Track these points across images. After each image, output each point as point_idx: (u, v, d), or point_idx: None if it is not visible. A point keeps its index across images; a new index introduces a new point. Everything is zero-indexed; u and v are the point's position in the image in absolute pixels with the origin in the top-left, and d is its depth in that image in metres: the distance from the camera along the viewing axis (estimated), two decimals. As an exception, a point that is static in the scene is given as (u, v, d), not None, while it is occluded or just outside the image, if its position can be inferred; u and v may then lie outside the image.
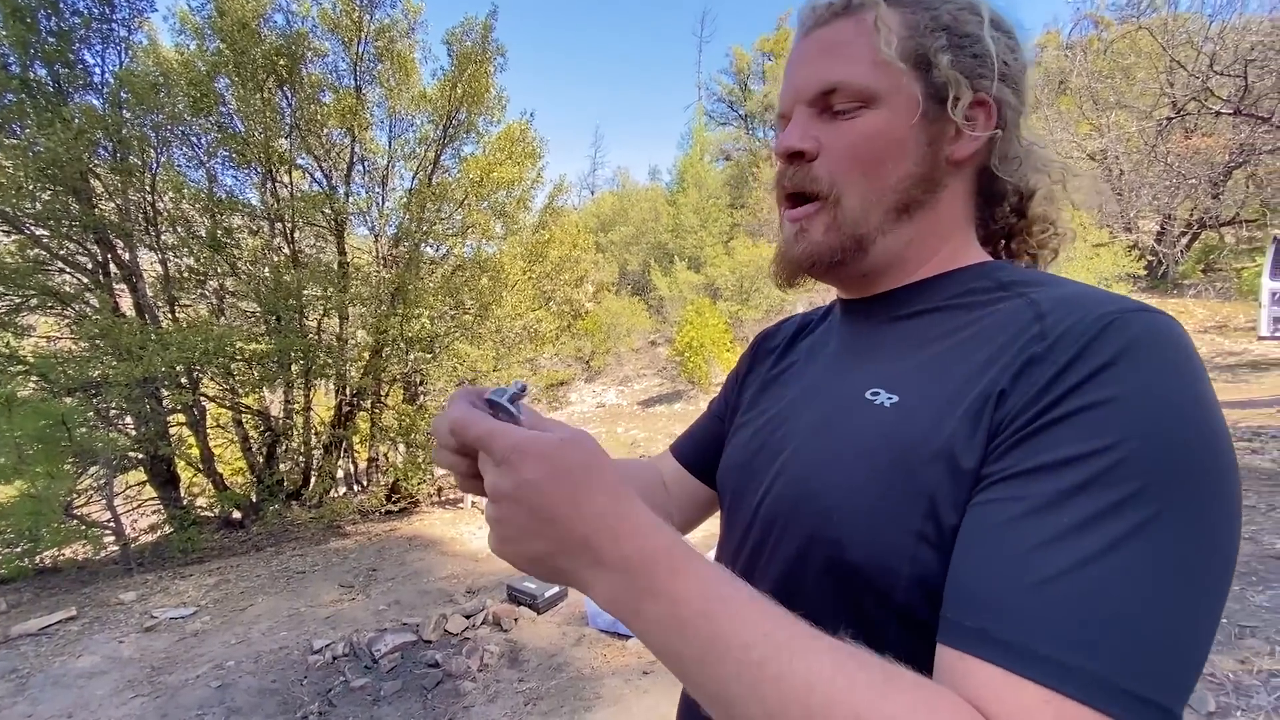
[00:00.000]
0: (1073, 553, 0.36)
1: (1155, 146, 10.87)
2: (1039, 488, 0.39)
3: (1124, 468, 0.38)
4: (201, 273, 7.34)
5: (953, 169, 0.59)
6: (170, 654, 3.87)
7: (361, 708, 3.15)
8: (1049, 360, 0.43)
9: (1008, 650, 0.36)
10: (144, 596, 4.91)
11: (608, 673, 3.29)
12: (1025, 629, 0.36)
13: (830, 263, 0.60)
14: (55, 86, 6.13)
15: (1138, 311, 0.44)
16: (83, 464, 5.86)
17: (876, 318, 0.63)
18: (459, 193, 7.74)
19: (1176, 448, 0.38)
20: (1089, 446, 0.39)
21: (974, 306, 0.55)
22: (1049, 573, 0.36)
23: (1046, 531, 0.38)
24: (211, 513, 7.39)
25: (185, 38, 7.19)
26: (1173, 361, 0.41)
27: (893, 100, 0.56)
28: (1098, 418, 0.40)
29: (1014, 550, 0.38)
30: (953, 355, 0.52)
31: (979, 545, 0.41)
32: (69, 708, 3.26)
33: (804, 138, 0.58)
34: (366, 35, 7.20)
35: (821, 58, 0.58)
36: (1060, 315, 0.46)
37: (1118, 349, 0.41)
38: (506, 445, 0.41)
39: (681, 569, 0.40)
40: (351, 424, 7.93)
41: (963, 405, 0.47)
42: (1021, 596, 0.37)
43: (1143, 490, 0.37)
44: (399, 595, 4.70)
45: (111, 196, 6.59)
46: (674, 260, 20.46)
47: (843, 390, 0.59)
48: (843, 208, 0.58)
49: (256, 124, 6.79)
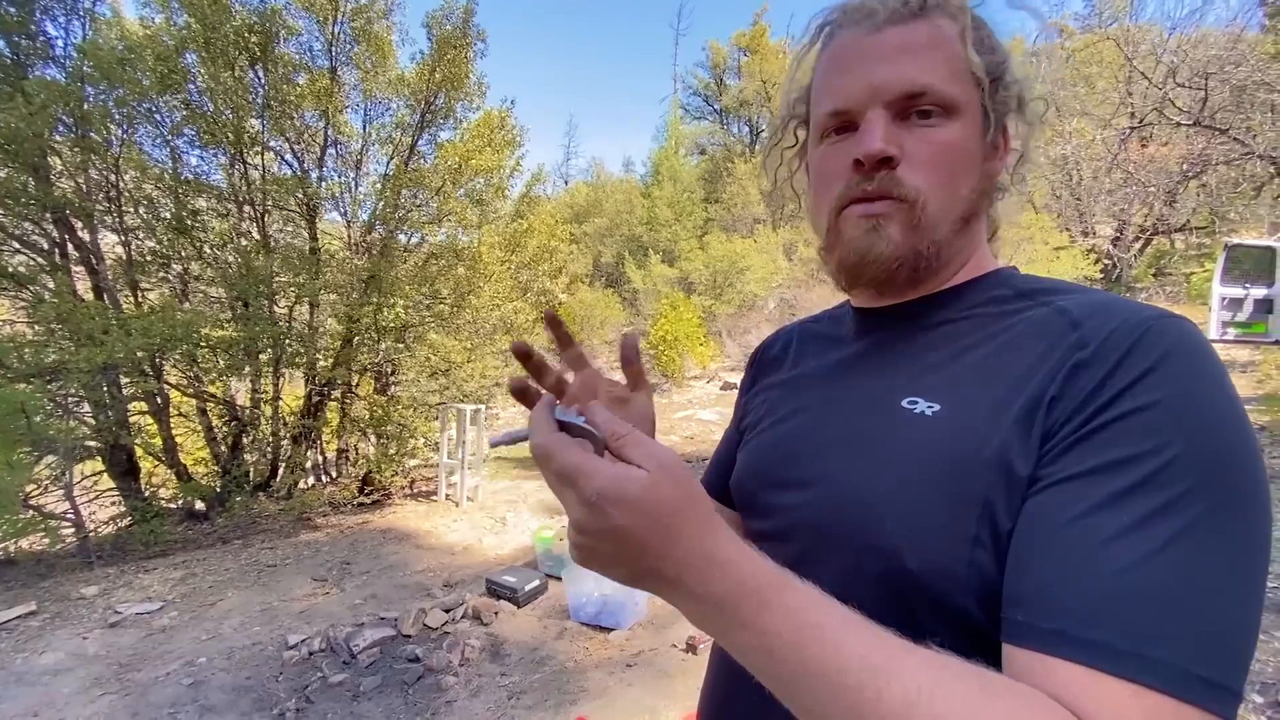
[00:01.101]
0: (1135, 550, 0.39)
1: (1116, 155, 11.27)
2: (1097, 489, 0.42)
3: (1174, 467, 0.40)
4: (165, 256, 7.07)
5: (994, 182, 0.63)
6: (138, 650, 3.77)
7: (341, 704, 3.13)
8: (1095, 365, 0.46)
9: (1090, 648, 0.37)
10: (106, 591, 4.76)
11: (591, 665, 3.33)
12: (1104, 627, 0.38)
13: (915, 266, 0.59)
14: (14, 59, 5.81)
15: (1168, 318, 0.47)
16: (39, 453, 5.62)
17: (903, 325, 0.64)
18: (435, 180, 7.61)
19: (1220, 447, 0.41)
20: (1140, 448, 0.41)
21: (1002, 316, 0.57)
22: (1116, 570, 0.38)
23: (1108, 530, 0.40)
24: (174, 504, 7.16)
25: (151, 10, 6.88)
26: (1208, 366, 0.45)
27: (968, 113, 0.57)
28: (1146, 420, 0.42)
29: (1080, 551, 0.40)
30: (990, 364, 0.53)
31: (1044, 547, 0.42)
32: (34, 706, 3.16)
33: (891, 143, 0.56)
34: (343, 15, 7.00)
35: (906, 58, 0.56)
36: (1097, 323, 0.49)
37: (1159, 354, 0.44)
38: (593, 489, 0.41)
39: (771, 603, 0.40)
40: (321, 415, 7.76)
41: (1010, 412, 0.48)
42: (1095, 596, 0.39)
43: (1193, 489, 0.40)
44: (375, 589, 4.65)
45: (72, 174, 6.29)
46: (648, 253, 20.47)
47: (875, 399, 0.60)
48: (926, 212, 0.57)
49: (226, 103, 6.56)
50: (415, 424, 7.73)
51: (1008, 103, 0.60)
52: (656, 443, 0.45)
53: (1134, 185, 12.79)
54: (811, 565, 0.57)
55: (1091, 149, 14.45)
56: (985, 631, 0.46)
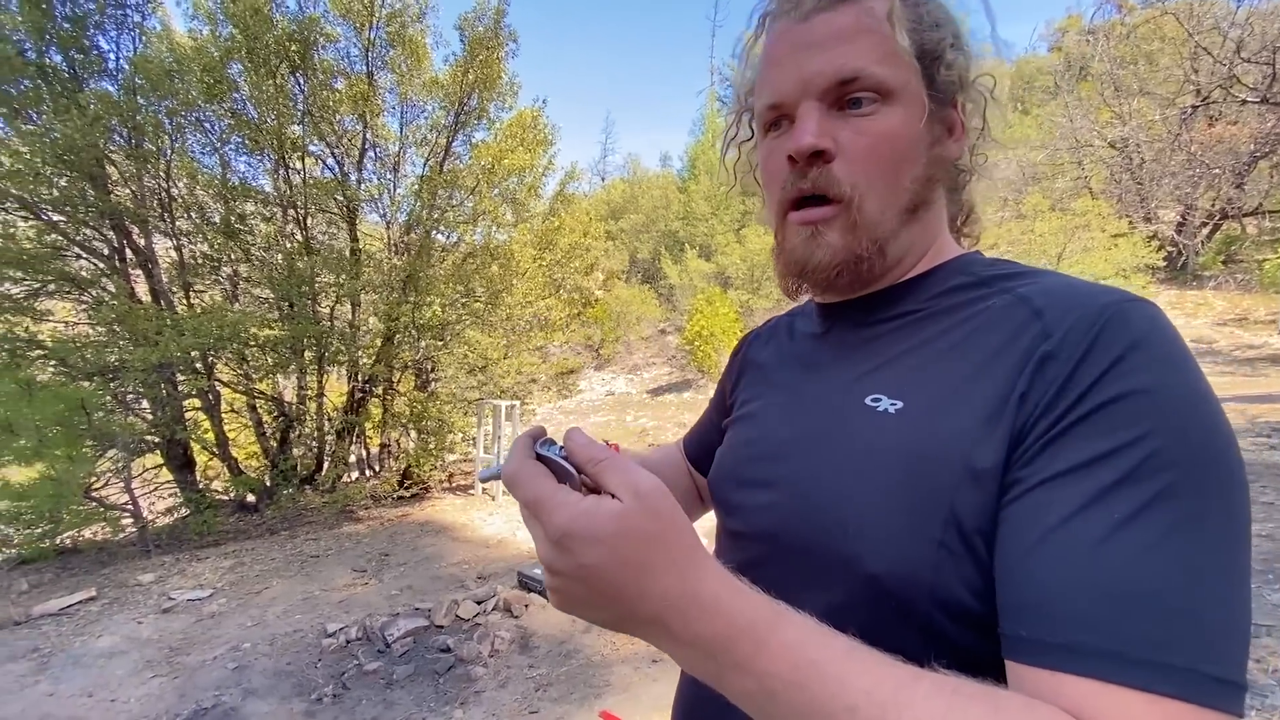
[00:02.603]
0: (1130, 549, 0.37)
1: (1178, 135, 10.66)
2: (1082, 487, 0.39)
3: (1157, 459, 0.38)
4: (215, 259, 7.38)
5: (945, 167, 0.60)
6: (188, 635, 3.95)
7: (375, 691, 3.20)
8: (1062, 357, 0.44)
9: (1100, 660, 0.35)
10: (162, 578, 5.00)
11: (616, 660, 3.32)
12: (1111, 636, 0.36)
13: (856, 269, 0.57)
14: (71, 72, 6.16)
15: (1132, 302, 0.45)
16: (101, 447, 5.94)
17: (863, 320, 0.62)
18: (470, 180, 7.72)
19: (1199, 433, 0.40)
20: (1120, 440, 0.39)
21: (963, 306, 0.55)
22: (1114, 574, 0.37)
23: (1100, 530, 0.38)
24: (227, 496, 7.49)
25: (198, 23, 7.18)
26: (1176, 351, 0.43)
27: (905, 97, 0.54)
28: (1122, 411, 0.40)
29: (1074, 555, 0.38)
30: (953, 357, 0.51)
31: (1036, 555, 0.40)
32: (89, 686, 3.34)
33: (823, 136, 0.54)
34: (378, 20, 7.16)
35: (834, 45, 0.54)
36: (1058, 311, 0.46)
37: (1127, 343, 0.42)
38: (557, 527, 0.38)
39: (767, 642, 0.37)
40: (364, 410, 7.99)
41: (974, 408, 0.46)
42: (1096, 603, 0.37)
43: (1178, 479, 0.38)
44: (411, 580, 4.76)
45: (127, 182, 6.63)
46: (684, 248, 20.38)
47: (839, 398, 0.58)
48: (863, 211, 0.55)
49: (269, 110, 6.80)
50: (453, 419, 7.88)
51: (954, 81, 0.56)
52: (637, 468, 0.40)
53: (1199, 167, 12.08)
54: (772, 568, 0.57)
55: (1153, 130, 13.72)
56: (951, 637, 0.45)
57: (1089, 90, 16.56)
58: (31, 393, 5.12)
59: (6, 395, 4.99)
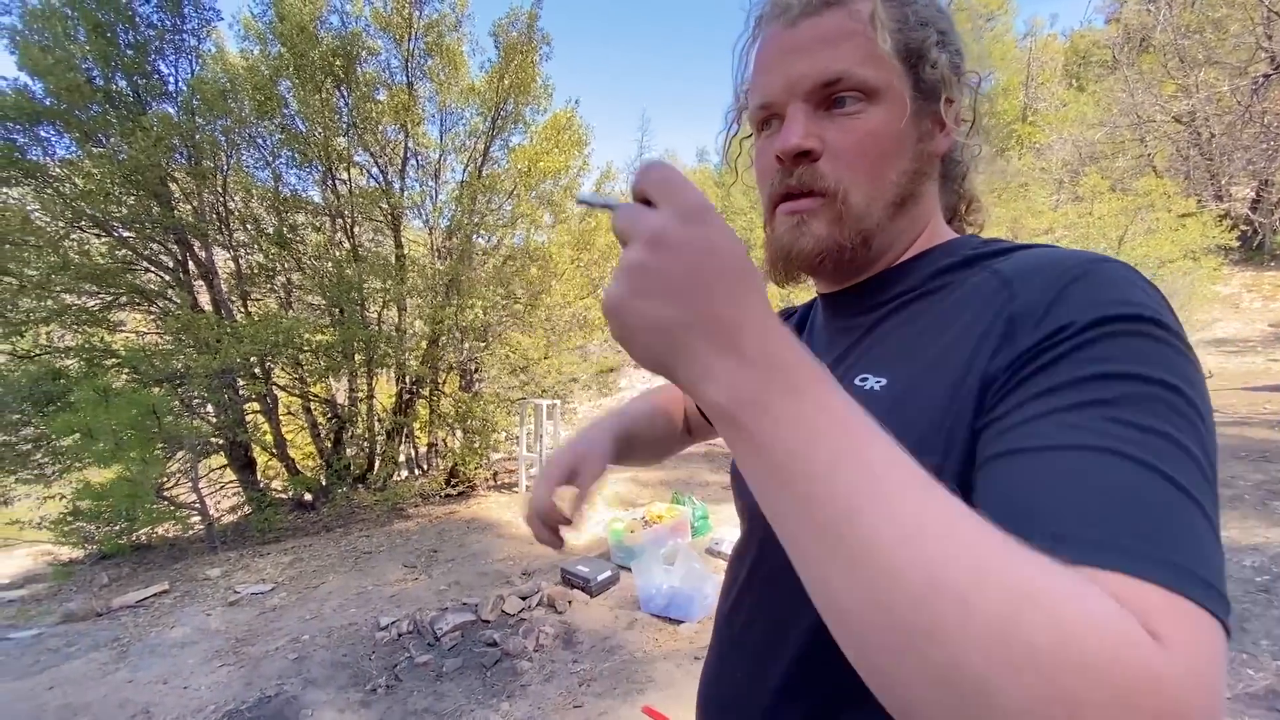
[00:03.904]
0: (1120, 464, 0.36)
1: (1250, 106, 9.98)
2: (1063, 401, 0.40)
3: (1134, 383, 0.39)
4: (270, 268, 7.73)
5: (933, 161, 0.62)
6: (252, 627, 4.15)
7: (425, 683, 3.30)
8: (1026, 313, 0.45)
9: (1121, 555, 0.33)
10: (227, 573, 5.27)
11: (659, 656, 3.34)
12: (1125, 536, 0.34)
13: (839, 258, 0.60)
14: (135, 96, 6.54)
15: (1103, 261, 0.46)
16: (170, 449, 6.30)
17: (857, 306, 0.65)
18: (508, 184, 7.86)
19: (1171, 362, 0.40)
20: (1100, 369, 0.40)
21: (945, 285, 0.57)
22: (1110, 485, 0.36)
23: (1089, 440, 0.37)
24: (285, 495, 7.83)
25: (249, 43, 7.53)
26: (1147, 292, 0.44)
27: (890, 96, 0.57)
28: (1097, 343, 0.41)
29: (1072, 472, 0.37)
30: (930, 333, 0.54)
31: (1038, 470, 0.38)
32: (164, 674, 3.55)
33: (808, 136, 0.57)
34: (417, 31, 7.35)
35: (819, 48, 0.56)
36: (1027, 275, 0.48)
37: (1094, 290, 0.43)
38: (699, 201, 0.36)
39: (825, 378, 0.36)
40: (412, 411, 8.23)
41: (946, 375, 0.49)
42: (1106, 509, 0.35)
43: (1157, 398, 0.38)
44: (458, 576, 4.88)
45: (188, 199, 7.00)
46: (723, 243, 20.21)
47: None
48: (849, 204, 0.58)
49: (316, 124, 7.06)
50: (497, 419, 8.04)
51: (938, 77, 0.58)
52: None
53: (1274, 139, 11.29)
54: (761, 545, 0.62)
55: (1222, 102, 12.88)
56: None
57: (1151, 62, 15.67)
58: (108, 399, 5.46)
59: (86, 402, 5.34)
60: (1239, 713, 2.28)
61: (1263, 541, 3.58)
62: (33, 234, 6.10)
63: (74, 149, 6.42)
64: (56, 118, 6.10)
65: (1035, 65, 21.33)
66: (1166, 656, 0.28)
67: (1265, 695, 2.36)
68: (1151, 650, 0.28)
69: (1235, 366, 9.12)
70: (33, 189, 6.27)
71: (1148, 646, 0.28)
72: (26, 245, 6.06)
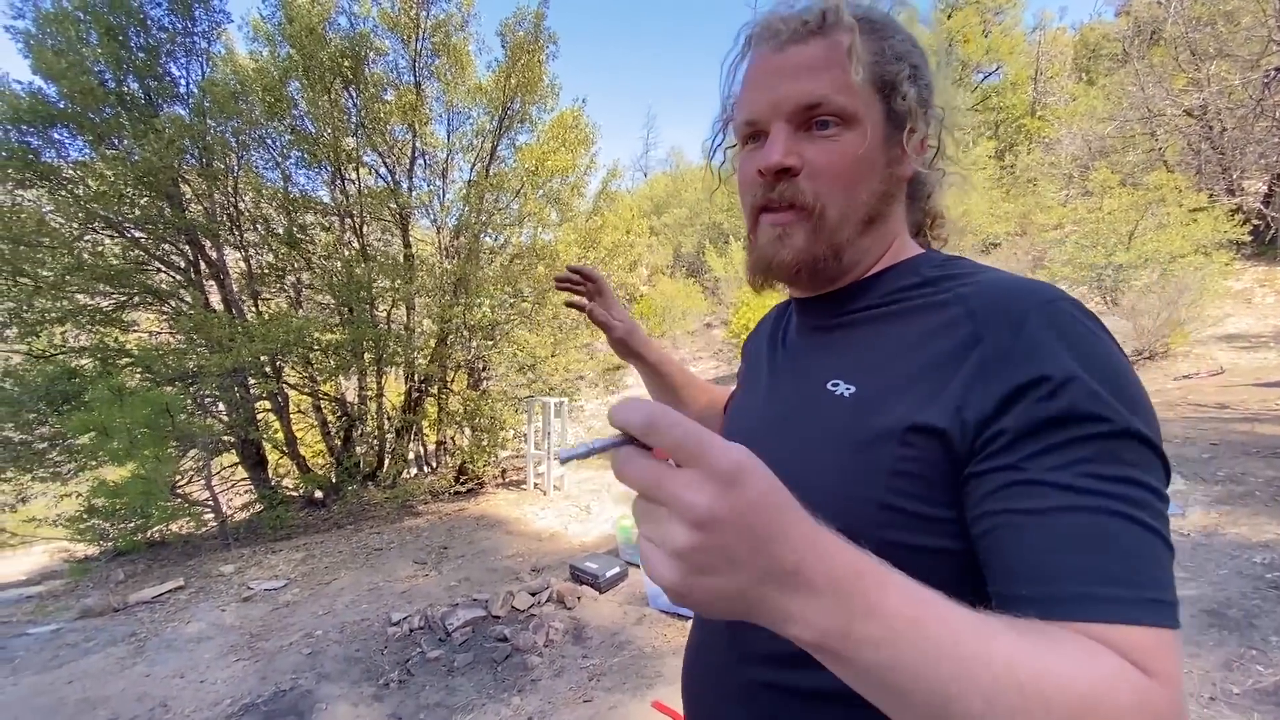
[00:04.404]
0: (1093, 519, 0.44)
1: (1263, 100, 9.87)
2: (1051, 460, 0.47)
3: (1111, 440, 0.46)
4: (280, 268, 7.79)
5: (900, 184, 0.68)
6: (266, 622, 4.20)
7: (437, 677, 3.34)
8: (991, 358, 0.51)
9: (1107, 604, 0.43)
10: (241, 569, 5.34)
11: (669, 651, 3.36)
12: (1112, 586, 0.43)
13: (814, 269, 0.66)
14: (146, 99, 6.61)
15: (1052, 301, 0.53)
16: (184, 447, 6.38)
17: (828, 314, 0.70)
18: (515, 182, 7.88)
19: (1126, 415, 0.47)
20: (1071, 433, 0.47)
21: (910, 301, 0.63)
22: (1088, 538, 0.44)
23: (1068, 501, 0.45)
24: (296, 492, 7.91)
25: (258, 45, 7.59)
26: (1098, 343, 0.51)
27: (865, 121, 0.62)
28: (1058, 404, 0.47)
29: (1055, 530, 0.45)
30: (898, 348, 0.59)
31: (1021, 531, 0.47)
32: (181, 668, 3.61)
33: (789, 154, 0.62)
34: (424, 31, 7.39)
35: (803, 74, 0.61)
36: (986, 314, 0.54)
37: (1054, 335, 0.50)
38: (733, 460, 0.35)
39: (885, 581, 0.38)
40: (421, 409, 8.29)
41: (914, 391, 0.54)
42: (1085, 563, 0.44)
43: (1128, 450, 0.46)
44: (469, 572, 4.92)
45: (199, 199, 7.07)
46: (729, 240, 20.18)
47: (804, 383, 0.67)
48: (825, 219, 0.63)
49: (325, 124, 7.11)
50: (505, 416, 8.08)
51: (908, 109, 0.63)
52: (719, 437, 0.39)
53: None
54: None
55: (1234, 95, 12.73)
56: None
57: (1161, 55, 15.50)
58: (122, 398, 5.53)
59: (100, 401, 5.41)
60: (1248, 709, 2.28)
61: (1273, 539, 3.56)
62: (48, 235, 6.17)
63: (87, 151, 6.50)
64: (70, 120, 6.17)
65: (1044, 59, 21.14)
66: (1160, 691, 0.39)
67: (1275, 691, 2.35)
68: (1152, 694, 0.39)
69: (1247, 362, 9.04)
70: (47, 191, 6.35)
71: (1149, 694, 0.39)
72: (41, 246, 6.14)
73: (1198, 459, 5.00)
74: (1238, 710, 2.29)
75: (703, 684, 0.71)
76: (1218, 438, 5.52)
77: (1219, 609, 2.94)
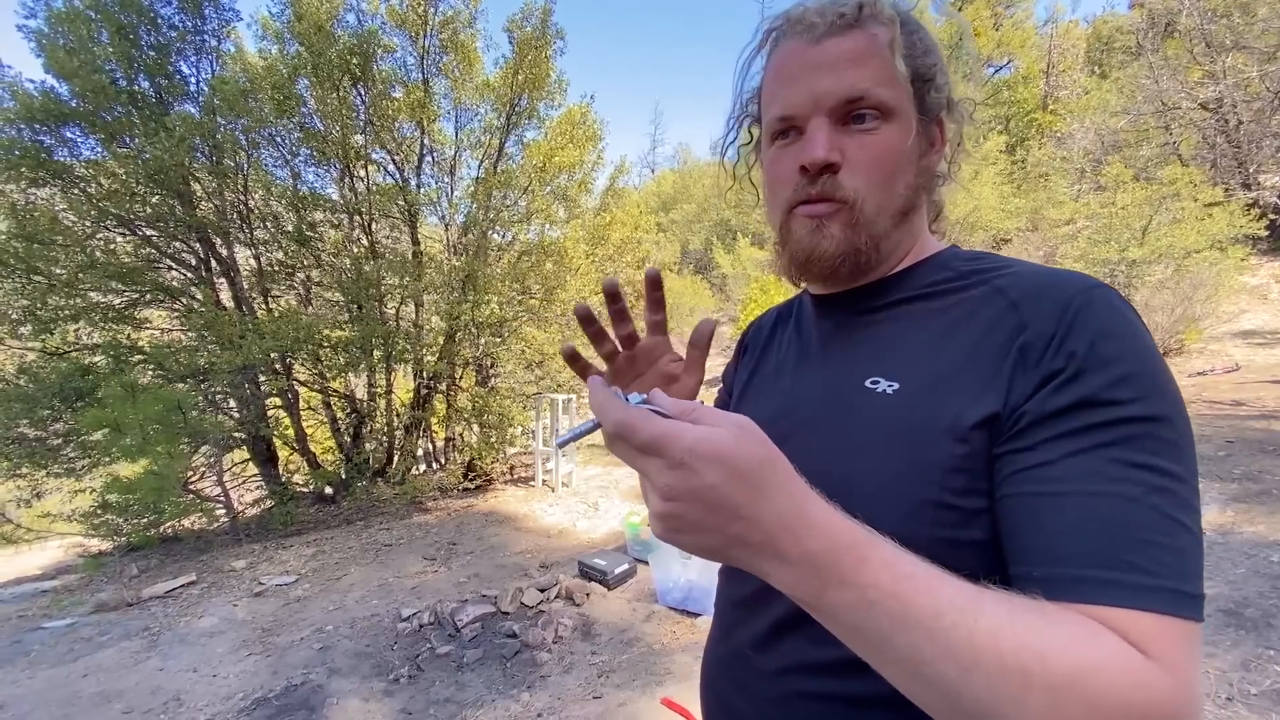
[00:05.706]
0: (1119, 504, 0.45)
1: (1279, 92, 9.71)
2: (1073, 453, 0.47)
3: (1136, 424, 0.47)
4: (290, 265, 7.83)
5: (930, 176, 0.69)
6: (277, 617, 4.24)
7: (447, 673, 3.35)
8: (1039, 345, 0.52)
9: (1115, 589, 0.43)
10: (252, 565, 5.38)
11: (677, 648, 3.36)
12: (1118, 570, 0.44)
13: (856, 260, 0.65)
14: (157, 97, 6.64)
15: (1095, 288, 0.53)
16: (195, 444, 6.43)
17: (859, 309, 0.69)
18: (523, 179, 7.88)
19: (1158, 404, 0.48)
20: (1103, 417, 0.47)
21: (946, 294, 0.63)
22: (1113, 523, 0.45)
23: (1094, 486, 0.46)
24: (306, 489, 7.96)
25: (267, 43, 7.61)
26: (1135, 331, 0.51)
27: (901, 115, 0.62)
28: (1097, 387, 0.48)
29: (1077, 511, 0.46)
30: (940, 344, 0.59)
31: (1041, 511, 0.48)
32: (194, 663, 3.64)
33: (832, 150, 0.61)
34: (432, 28, 7.39)
35: (843, 67, 0.61)
36: (1031, 303, 0.55)
37: (1094, 330, 0.50)
38: (683, 448, 0.39)
39: (869, 557, 0.41)
40: (429, 406, 8.32)
41: (960, 387, 0.55)
42: (1103, 546, 0.44)
43: (1148, 435, 0.47)
44: (478, 568, 4.94)
45: (209, 197, 7.11)
46: (737, 237, 20.12)
47: (840, 380, 0.66)
48: (864, 212, 0.63)
49: (334, 122, 7.13)
50: (513, 413, 8.10)
51: (940, 101, 0.65)
52: (727, 412, 0.43)
53: (1305, 124, 10.97)
54: None
55: (1250, 88, 12.54)
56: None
57: (1176, 48, 15.28)
58: (134, 395, 5.58)
59: (113, 398, 5.46)
60: (1266, 710, 2.26)
61: (1291, 537, 3.52)
62: (60, 233, 6.23)
63: (99, 150, 6.54)
64: (82, 119, 6.21)
65: (1056, 52, 20.89)
66: (1163, 678, 0.39)
67: (1293, 692, 2.32)
68: (1150, 676, 0.39)
69: (1263, 359, 8.92)
70: (60, 189, 6.40)
71: (1147, 675, 0.39)
72: (55, 244, 6.20)
73: (1213, 457, 4.94)
74: (1256, 711, 2.26)
75: (732, 696, 0.70)
76: (1234, 435, 5.46)
77: (1236, 608, 2.90)
